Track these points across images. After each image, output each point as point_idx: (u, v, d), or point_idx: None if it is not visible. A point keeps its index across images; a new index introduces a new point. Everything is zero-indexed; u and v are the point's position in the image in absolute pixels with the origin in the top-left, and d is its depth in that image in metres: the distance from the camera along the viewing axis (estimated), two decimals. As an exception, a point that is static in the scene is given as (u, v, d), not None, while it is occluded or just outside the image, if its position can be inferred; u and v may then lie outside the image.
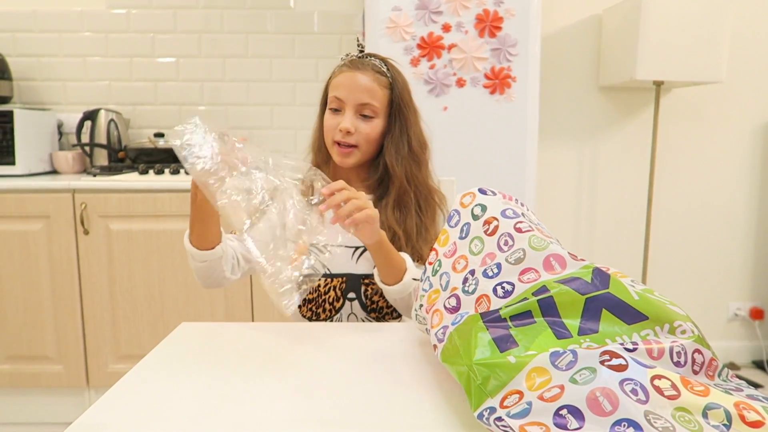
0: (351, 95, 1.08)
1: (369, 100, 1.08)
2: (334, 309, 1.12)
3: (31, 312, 1.99)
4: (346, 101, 1.08)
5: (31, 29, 2.43)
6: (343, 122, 1.07)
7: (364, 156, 1.12)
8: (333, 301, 1.12)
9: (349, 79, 1.08)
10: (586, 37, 2.46)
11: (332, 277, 1.12)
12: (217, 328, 0.88)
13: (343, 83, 1.09)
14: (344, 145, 1.09)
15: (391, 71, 1.12)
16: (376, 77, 1.09)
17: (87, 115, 2.31)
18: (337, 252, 1.12)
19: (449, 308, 0.66)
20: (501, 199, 0.73)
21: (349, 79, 1.08)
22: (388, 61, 1.14)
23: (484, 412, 0.51)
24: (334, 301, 1.12)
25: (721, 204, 2.57)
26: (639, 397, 0.44)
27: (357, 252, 1.12)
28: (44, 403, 2.07)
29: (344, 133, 1.08)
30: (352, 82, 1.08)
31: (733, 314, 2.62)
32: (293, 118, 2.51)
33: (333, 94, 1.10)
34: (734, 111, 2.51)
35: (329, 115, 1.11)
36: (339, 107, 1.09)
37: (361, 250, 1.12)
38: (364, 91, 1.08)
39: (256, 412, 0.60)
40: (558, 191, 2.55)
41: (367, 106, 1.08)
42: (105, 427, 0.57)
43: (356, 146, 1.09)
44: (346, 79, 1.09)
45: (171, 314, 2.00)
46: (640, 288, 0.57)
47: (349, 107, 1.08)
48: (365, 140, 1.09)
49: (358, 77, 1.08)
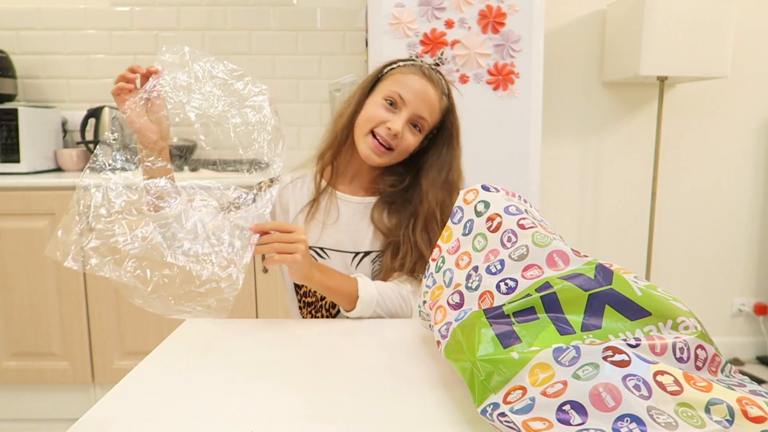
0: (416, 102, 1.04)
1: (427, 116, 1.06)
2: (330, 314, 1.12)
3: (37, 309, 2.00)
4: (408, 105, 1.04)
5: (35, 27, 2.43)
6: (396, 123, 1.03)
7: (392, 161, 1.09)
8: (329, 307, 1.11)
9: (422, 86, 1.05)
10: (589, 32, 2.46)
11: None
12: (222, 325, 0.88)
13: (412, 87, 1.05)
14: (383, 143, 1.05)
15: (451, 99, 1.11)
16: (440, 97, 1.07)
17: (91, 113, 2.32)
18: (336, 257, 1.11)
19: (452, 304, 0.66)
20: (504, 196, 0.73)
21: (421, 87, 1.05)
22: (452, 87, 1.12)
23: (487, 408, 0.51)
24: (330, 306, 1.11)
25: (726, 199, 2.57)
26: (642, 393, 0.44)
27: (357, 258, 1.11)
28: (50, 399, 2.08)
29: (393, 133, 1.03)
30: (423, 90, 1.05)
31: (738, 310, 2.62)
32: (297, 114, 2.51)
33: (397, 89, 1.04)
34: (739, 106, 2.50)
35: (382, 106, 1.05)
36: (398, 105, 1.05)
37: (361, 255, 1.11)
38: (429, 105, 1.05)
39: (260, 408, 0.60)
40: (561, 187, 2.55)
41: (423, 120, 1.06)
42: (110, 423, 0.57)
43: (392, 150, 1.06)
44: (417, 83, 1.05)
45: (175, 311, 2.00)
46: (643, 284, 0.57)
47: (408, 112, 1.04)
48: (403, 149, 1.06)
49: (429, 89, 1.05)
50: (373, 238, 1.10)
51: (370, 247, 1.11)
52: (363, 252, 1.11)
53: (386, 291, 1.01)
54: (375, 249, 1.11)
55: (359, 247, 1.11)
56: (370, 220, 1.11)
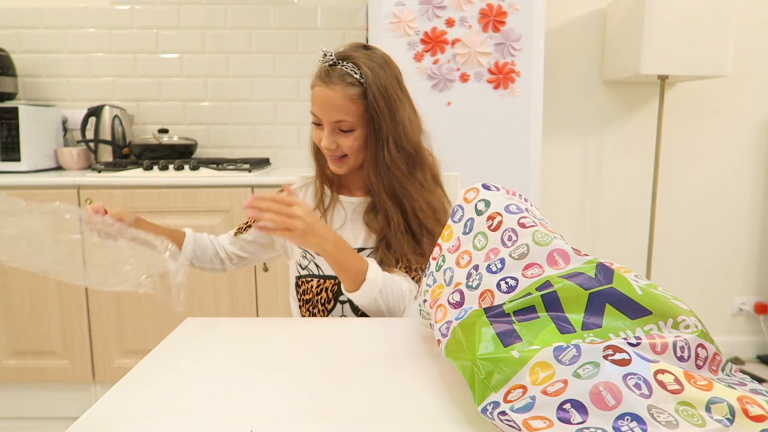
0: (324, 114, 1.04)
1: (343, 117, 1.03)
2: (326, 310, 1.12)
3: (38, 308, 2.00)
4: (322, 119, 1.05)
5: (35, 25, 2.43)
6: (324, 141, 1.06)
7: (357, 162, 1.09)
8: (325, 303, 1.12)
9: (322, 96, 1.04)
10: (590, 31, 2.45)
11: (324, 278, 1.11)
12: (222, 323, 0.89)
13: (317, 99, 1.05)
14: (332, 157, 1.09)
15: (365, 77, 1.02)
16: (345, 91, 1.02)
17: (91, 112, 2.32)
18: None
19: (453, 303, 0.66)
20: (504, 195, 0.73)
21: (322, 96, 1.04)
22: (361, 63, 1.03)
23: (487, 407, 0.51)
24: (326, 302, 1.12)
25: (726, 198, 2.56)
26: (642, 392, 0.44)
27: None
28: (50, 398, 2.08)
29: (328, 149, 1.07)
30: (324, 99, 1.03)
31: (738, 309, 2.62)
32: (297, 113, 2.51)
33: (312, 109, 1.07)
34: (739, 105, 2.50)
35: (313, 128, 1.10)
36: (318, 122, 1.07)
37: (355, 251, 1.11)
38: (336, 108, 1.03)
39: (260, 406, 0.60)
40: (562, 186, 2.55)
41: (342, 122, 1.04)
42: (111, 421, 0.57)
43: (347, 155, 1.08)
44: (319, 95, 1.04)
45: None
46: (644, 283, 0.57)
47: (326, 125, 1.05)
48: (350, 150, 1.07)
49: (328, 95, 1.03)
50: (366, 236, 1.12)
51: (363, 245, 1.12)
52: (357, 248, 1.11)
53: (390, 283, 1.01)
54: (368, 246, 1.12)
55: (354, 243, 1.12)
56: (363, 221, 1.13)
